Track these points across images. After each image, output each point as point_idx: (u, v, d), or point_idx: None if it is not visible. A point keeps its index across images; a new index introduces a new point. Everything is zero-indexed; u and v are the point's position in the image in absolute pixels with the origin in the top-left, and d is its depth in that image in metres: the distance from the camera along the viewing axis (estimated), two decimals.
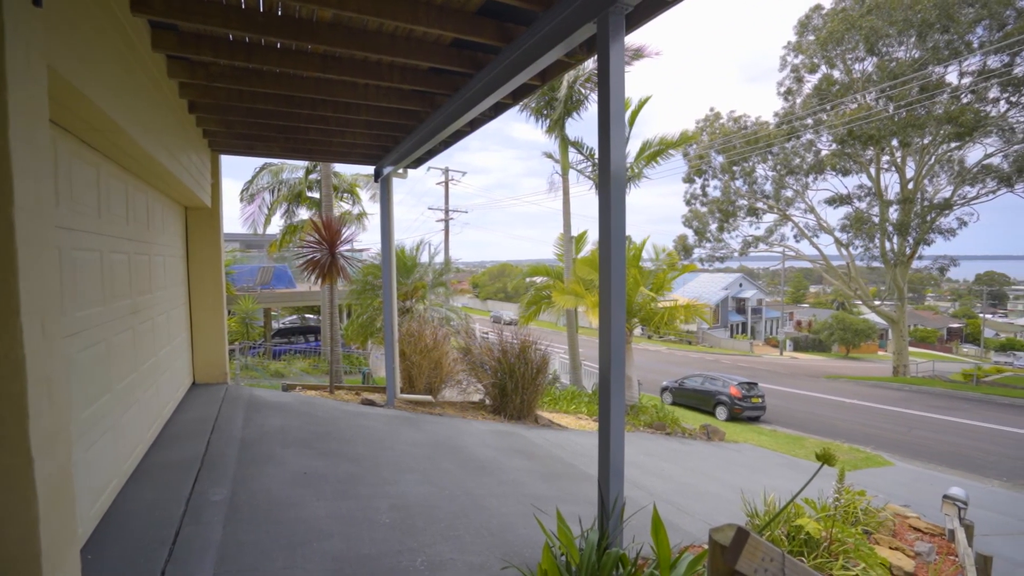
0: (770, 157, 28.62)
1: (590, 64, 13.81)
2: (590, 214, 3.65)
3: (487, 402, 8.24)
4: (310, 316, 26.17)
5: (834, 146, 25.99)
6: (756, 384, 15.89)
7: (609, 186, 2.63)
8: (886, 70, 23.30)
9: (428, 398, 7.92)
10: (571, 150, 16.47)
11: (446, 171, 28.52)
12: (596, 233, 2.79)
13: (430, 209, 29.54)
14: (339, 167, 18.30)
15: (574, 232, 16.46)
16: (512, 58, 3.48)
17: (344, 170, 19.17)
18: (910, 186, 25.24)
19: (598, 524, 2.71)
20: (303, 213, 18.69)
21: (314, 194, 18.40)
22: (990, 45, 21.06)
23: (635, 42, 13.86)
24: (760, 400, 15.16)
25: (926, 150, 24.45)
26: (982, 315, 52.31)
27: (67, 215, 2.72)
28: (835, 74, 25.56)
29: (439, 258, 16.16)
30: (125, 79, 2.96)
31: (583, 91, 15.37)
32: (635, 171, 15.47)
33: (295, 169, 18.45)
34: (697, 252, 32.25)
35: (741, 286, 47.48)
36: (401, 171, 7.02)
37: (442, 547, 3.08)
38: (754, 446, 10.50)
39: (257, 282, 21.18)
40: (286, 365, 15.41)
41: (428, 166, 29.24)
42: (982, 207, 24.90)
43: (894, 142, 24.18)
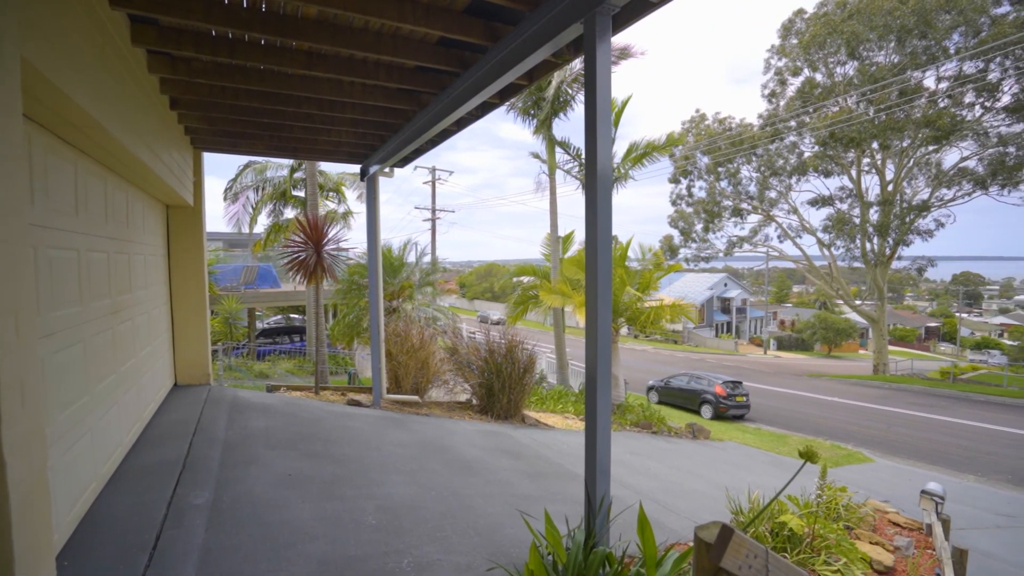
0: (754, 158, 29.02)
1: (577, 64, 13.87)
2: (577, 214, 3.66)
3: (474, 402, 8.23)
4: (295, 316, 25.88)
5: (816, 148, 26.45)
6: (741, 383, 16.08)
7: (596, 186, 2.64)
8: (867, 74, 23.75)
9: (415, 398, 7.88)
10: (558, 150, 16.53)
11: (433, 170, 28.42)
12: (583, 233, 2.80)
13: (417, 208, 29.40)
14: (325, 166, 18.13)
15: (561, 232, 16.52)
16: (499, 57, 3.48)
17: (330, 169, 19.00)
18: (890, 188, 25.76)
19: (585, 523, 2.72)
20: (288, 212, 18.48)
21: (300, 193, 18.20)
22: (966, 51, 21.58)
23: (621, 42, 13.94)
24: (744, 399, 15.35)
25: (905, 153, 24.98)
26: (958, 314, 53.57)
27: (42, 213, 2.65)
28: (817, 77, 26.00)
29: (426, 258, 16.11)
30: (103, 73, 2.89)
31: (570, 92, 15.42)
32: (621, 172, 15.56)
33: (280, 167, 18.24)
34: (683, 252, 32.60)
35: (726, 286, 48.04)
36: (387, 170, 6.97)
37: (429, 548, 3.06)
38: (739, 444, 10.63)
39: (241, 281, 20.87)
40: (271, 366, 15.23)
41: (415, 165, 29.08)
42: (958, 209, 25.52)
43: (874, 145, 24.69)
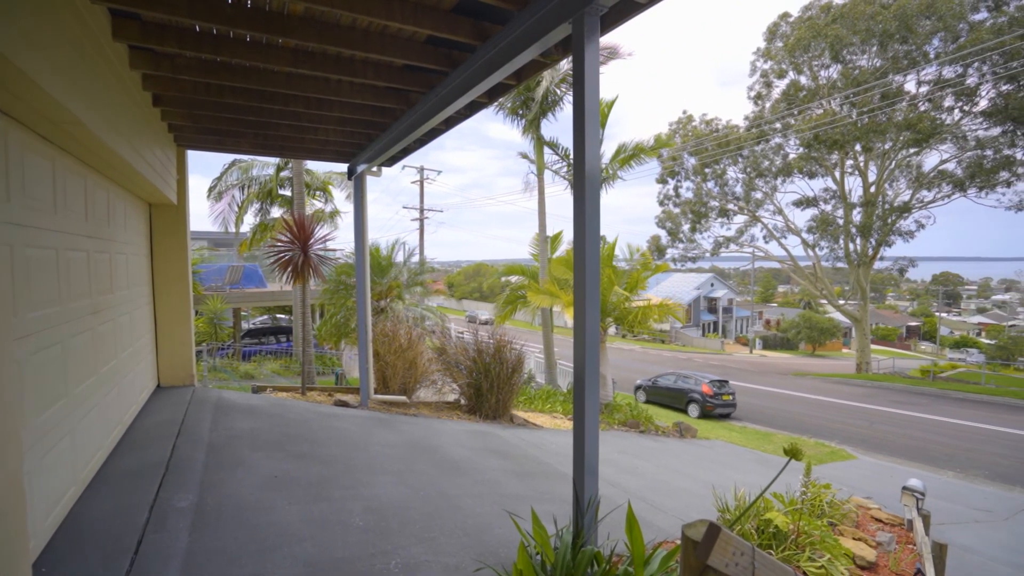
0: (740, 159, 29.35)
1: (565, 65, 13.91)
2: (565, 214, 3.67)
3: (462, 402, 8.21)
4: (282, 316, 25.62)
5: (801, 150, 26.83)
6: (727, 382, 16.24)
7: (584, 186, 2.65)
8: (850, 77, 24.15)
9: (402, 399, 7.84)
10: (546, 150, 16.55)
11: (421, 170, 28.31)
12: (571, 233, 2.81)
13: (405, 208, 29.26)
14: (312, 164, 17.97)
15: (549, 232, 16.55)
16: (487, 57, 3.47)
17: (317, 167, 18.84)
18: (872, 189, 26.23)
19: (573, 522, 2.73)
20: (275, 211, 18.28)
21: (286, 192, 18.02)
22: (945, 56, 22.04)
23: (609, 42, 14.01)
24: (731, 397, 15.50)
25: (887, 155, 25.45)
26: (938, 314, 54.71)
27: (19, 211, 2.59)
28: (802, 80, 26.37)
29: (415, 258, 16.04)
30: (82, 68, 2.83)
31: (558, 92, 15.46)
32: (609, 172, 15.63)
33: (266, 166, 18.04)
34: (670, 252, 32.87)
35: (712, 286, 48.53)
36: (375, 169, 6.93)
37: (417, 549, 3.05)
38: (725, 442, 10.73)
39: (226, 281, 20.60)
40: (256, 366, 15.05)
41: (403, 164, 28.97)
42: (938, 211, 26.09)
43: (857, 147, 25.10)
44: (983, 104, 22.19)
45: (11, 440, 1.76)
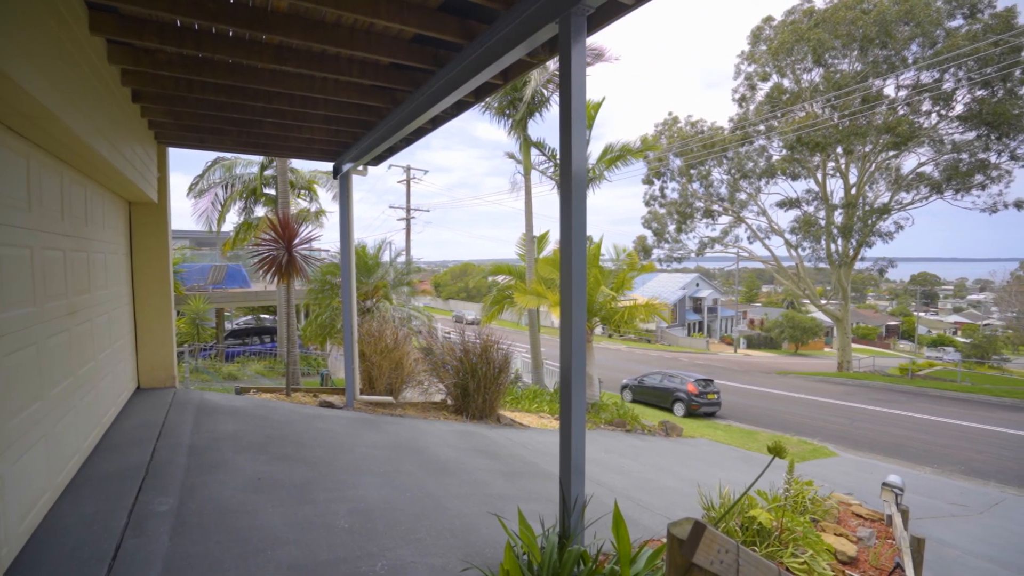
0: (725, 161, 29.70)
1: (552, 65, 13.93)
2: (552, 214, 3.68)
3: (449, 402, 8.18)
4: (266, 316, 25.29)
5: (784, 152, 27.23)
6: (712, 381, 16.41)
7: (570, 186, 2.65)
8: (831, 81, 24.57)
9: (389, 399, 7.79)
10: (533, 150, 16.57)
11: (408, 169, 28.14)
12: (558, 233, 2.81)
13: (391, 208, 29.03)
14: (297, 163, 17.77)
15: (536, 232, 16.57)
16: (474, 56, 3.46)
17: (302, 166, 18.65)
18: (853, 191, 26.72)
19: (559, 522, 2.73)
20: (259, 210, 18.04)
21: (271, 190, 17.78)
22: (923, 61, 22.54)
23: (596, 44, 14.07)
24: (716, 396, 15.67)
25: (867, 157, 25.95)
26: (916, 313, 55.92)
27: None
28: (785, 83, 26.76)
29: (401, 258, 15.94)
30: (58, 61, 2.76)
31: (545, 92, 15.49)
32: (596, 173, 15.70)
33: (250, 164, 17.78)
34: (656, 252, 33.15)
35: (698, 286, 49.02)
36: (361, 168, 6.87)
37: (403, 550, 3.03)
38: (710, 441, 10.84)
39: (209, 281, 20.29)
40: (240, 367, 14.85)
41: (389, 163, 28.82)
42: (916, 212, 26.81)
43: (838, 149, 25.56)
44: (959, 108, 22.77)
45: None
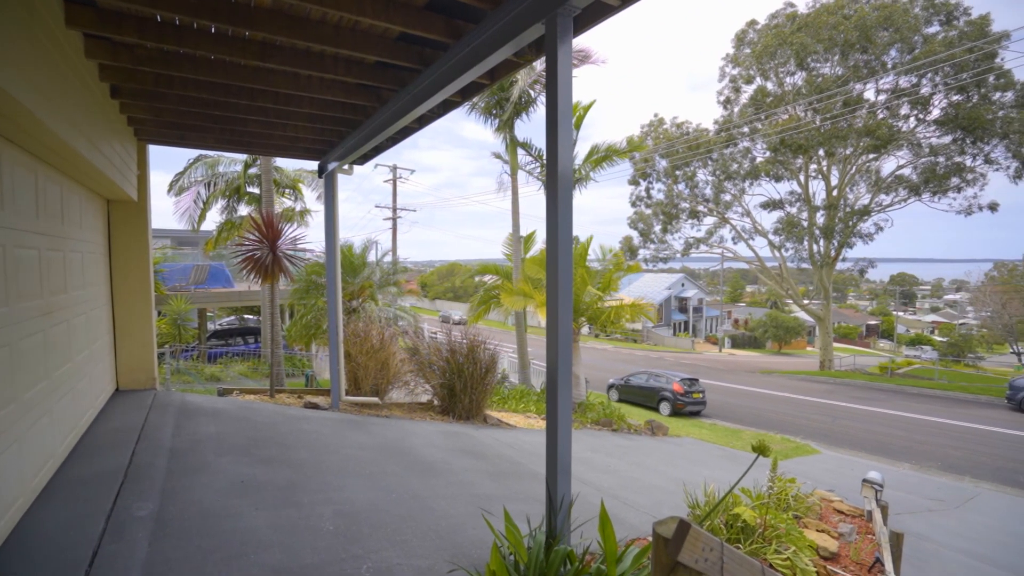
0: (710, 162, 30.04)
1: (539, 66, 13.96)
2: (539, 214, 3.69)
3: (435, 403, 8.15)
4: (250, 317, 24.95)
5: (768, 154, 27.63)
6: (697, 380, 16.57)
7: (557, 186, 2.65)
8: (814, 84, 24.99)
9: (375, 400, 7.73)
10: (520, 151, 16.57)
11: (394, 168, 27.98)
12: (544, 233, 2.81)
13: (377, 207, 28.84)
14: (282, 162, 17.56)
15: (523, 232, 16.57)
16: (461, 55, 3.45)
17: (287, 165, 18.45)
18: (834, 193, 27.20)
19: (546, 521, 2.73)
20: (243, 209, 17.78)
21: (254, 189, 17.54)
22: (901, 66, 23.04)
23: (583, 46, 14.13)
24: (701, 395, 15.82)
25: (848, 160, 26.44)
26: (895, 313, 57.11)
27: None
28: (769, 86, 27.15)
29: (387, 258, 15.85)
30: (31, 55, 2.69)
31: (532, 93, 15.51)
32: (582, 173, 15.76)
33: (233, 162, 17.51)
34: (642, 253, 33.41)
35: (683, 286, 49.48)
36: (347, 167, 6.81)
37: (388, 552, 3.00)
38: (695, 440, 10.95)
39: (191, 281, 19.96)
40: (223, 368, 14.62)
41: (375, 163, 28.61)
42: (895, 214, 27.29)
43: (820, 152, 26.01)
44: (936, 113, 23.30)
45: None
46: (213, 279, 21.18)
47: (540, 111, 16.07)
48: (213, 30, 3.57)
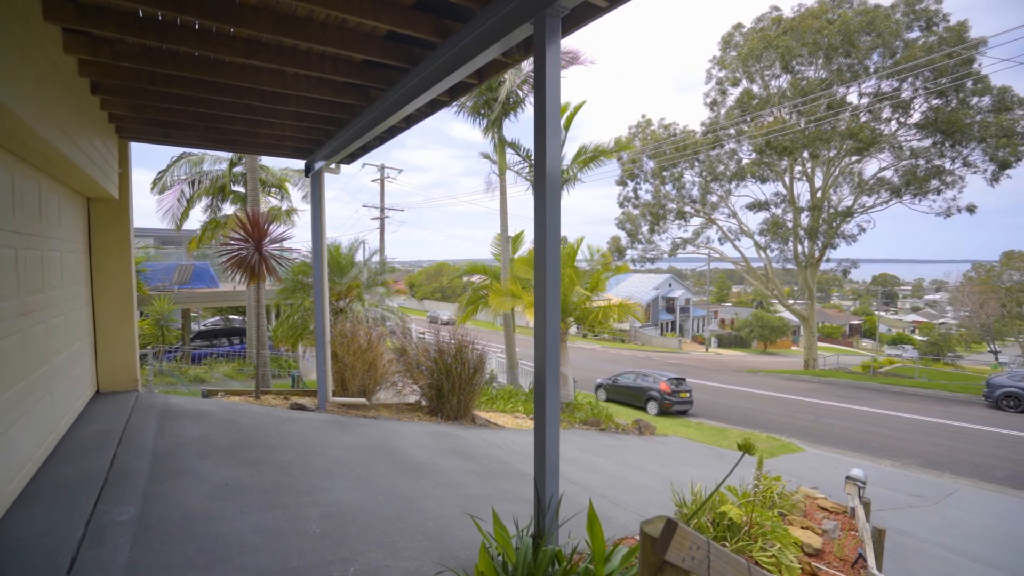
0: (697, 164, 30.32)
1: (527, 66, 13.97)
2: (527, 214, 3.69)
3: (423, 403, 8.11)
4: (235, 317, 24.62)
5: (753, 155, 27.96)
6: (684, 379, 16.71)
7: (545, 186, 2.65)
8: (798, 87, 25.34)
9: (362, 401, 7.67)
10: (508, 151, 16.57)
11: (382, 168, 27.81)
12: (533, 233, 2.81)
13: (365, 207, 28.63)
14: (268, 160, 17.36)
15: (511, 232, 16.57)
16: (449, 55, 3.44)
17: (273, 163, 18.23)
18: (818, 194, 27.61)
19: (534, 522, 2.73)
20: (228, 208, 17.54)
21: (240, 188, 17.31)
22: (883, 71, 23.46)
23: (571, 47, 14.16)
24: (688, 395, 15.95)
25: (831, 162, 26.86)
26: (877, 312, 58.13)
27: None
28: (755, 88, 27.47)
29: (375, 257, 15.74)
30: (8, 50, 2.63)
31: (520, 93, 15.51)
32: (570, 174, 15.80)
33: (218, 160, 17.25)
34: (629, 253, 33.61)
35: (671, 286, 49.87)
36: (334, 166, 6.75)
37: (375, 554, 2.98)
38: (682, 439, 11.03)
39: (174, 281, 19.63)
40: (207, 370, 14.41)
41: (363, 162, 28.43)
42: (878, 215, 27.92)
43: (805, 154, 26.39)
44: (916, 117, 23.77)
45: None
46: (197, 279, 20.86)
47: (528, 111, 16.09)
48: (197, 26, 3.51)
